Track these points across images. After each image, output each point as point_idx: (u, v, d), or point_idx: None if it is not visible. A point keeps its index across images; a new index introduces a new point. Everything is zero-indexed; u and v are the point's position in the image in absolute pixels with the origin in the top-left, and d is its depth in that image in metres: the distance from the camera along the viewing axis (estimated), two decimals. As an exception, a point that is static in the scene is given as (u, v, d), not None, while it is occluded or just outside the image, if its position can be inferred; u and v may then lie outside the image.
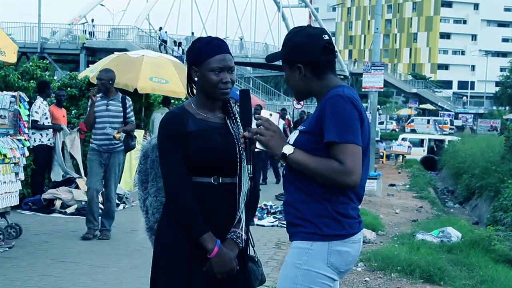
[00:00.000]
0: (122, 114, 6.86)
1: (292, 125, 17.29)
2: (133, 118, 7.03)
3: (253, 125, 2.45)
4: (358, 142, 2.30)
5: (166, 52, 35.52)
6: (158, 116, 11.58)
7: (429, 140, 29.57)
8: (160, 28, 39.71)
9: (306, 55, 2.43)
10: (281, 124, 15.72)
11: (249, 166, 2.51)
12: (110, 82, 6.80)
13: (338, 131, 2.28)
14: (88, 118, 6.92)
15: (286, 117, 17.03)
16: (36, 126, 8.68)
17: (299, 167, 2.35)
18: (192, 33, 44.75)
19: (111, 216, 7.01)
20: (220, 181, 2.55)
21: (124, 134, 6.86)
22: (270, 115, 2.40)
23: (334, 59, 2.51)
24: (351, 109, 2.31)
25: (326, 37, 2.47)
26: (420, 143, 28.96)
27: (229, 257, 2.49)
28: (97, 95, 6.85)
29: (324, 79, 2.47)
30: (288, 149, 2.34)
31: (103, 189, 7.02)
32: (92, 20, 39.64)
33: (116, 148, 6.89)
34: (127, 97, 7.03)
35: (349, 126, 2.29)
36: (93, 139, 6.93)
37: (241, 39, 49.14)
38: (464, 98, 69.03)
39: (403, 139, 27.93)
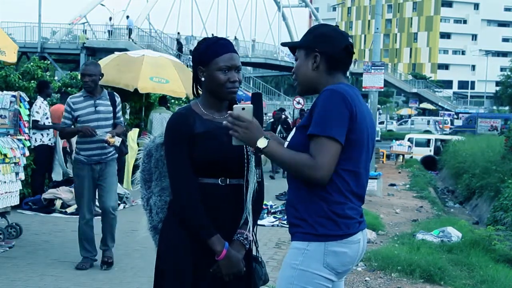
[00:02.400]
0: (112, 115, 5.60)
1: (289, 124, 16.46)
2: (122, 119, 5.78)
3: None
4: (337, 137, 2.28)
5: (133, 41, 35.49)
6: (156, 115, 11.58)
7: (435, 140, 29.52)
8: (127, 17, 39.52)
9: (327, 47, 2.44)
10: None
11: (258, 170, 2.53)
12: (100, 77, 5.58)
13: (320, 124, 2.28)
14: (68, 134, 5.90)
15: (283, 116, 16.37)
16: (37, 126, 8.69)
17: (274, 161, 2.37)
18: (212, 34, 44.77)
19: (113, 236, 5.76)
20: (228, 183, 2.55)
21: (119, 139, 5.57)
22: (243, 109, 2.36)
23: (350, 63, 2.52)
24: (339, 103, 2.29)
25: (350, 40, 2.50)
26: (427, 143, 28.96)
27: (237, 259, 2.49)
28: (80, 97, 5.58)
29: (333, 76, 2.47)
30: (261, 143, 2.32)
31: (97, 204, 5.89)
32: (110, 19, 39.27)
33: (110, 157, 5.62)
34: (115, 93, 5.79)
35: (332, 120, 2.28)
36: (79, 149, 5.56)
37: (253, 41, 49.55)
38: (455, 102, 68.94)
39: (409, 139, 27.90)
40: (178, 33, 42.58)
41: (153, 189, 2.69)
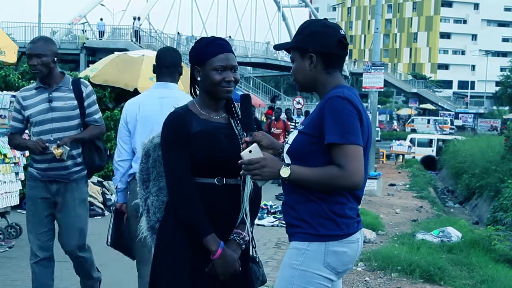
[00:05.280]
0: (77, 112, 3.96)
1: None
2: (97, 116, 4.06)
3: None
4: (359, 143, 2.30)
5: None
6: None
7: (438, 140, 29.57)
8: (101, 19, 39.87)
9: (321, 45, 2.42)
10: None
11: None
12: (55, 59, 3.97)
13: (339, 132, 2.27)
14: (19, 147, 4.35)
15: (281, 117, 14.63)
16: None
17: (301, 184, 2.34)
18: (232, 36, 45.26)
19: (90, 276, 4.28)
20: (224, 182, 2.55)
21: (67, 149, 3.84)
22: (250, 151, 2.36)
23: (345, 56, 2.51)
24: (351, 109, 2.30)
25: (342, 32, 2.47)
26: (429, 143, 29.03)
27: (232, 259, 2.49)
28: (31, 89, 4.02)
29: (331, 74, 2.46)
30: (284, 173, 2.32)
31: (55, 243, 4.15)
32: (139, 19, 39.23)
33: (73, 175, 3.98)
34: (83, 80, 4.12)
35: (350, 127, 2.28)
36: (32, 159, 4.03)
37: (268, 43, 49.95)
38: (466, 98, 69.12)
39: (411, 139, 27.96)
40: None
41: (151, 189, 2.69)
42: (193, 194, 2.48)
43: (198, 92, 2.66)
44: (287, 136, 12.71)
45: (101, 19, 39.61)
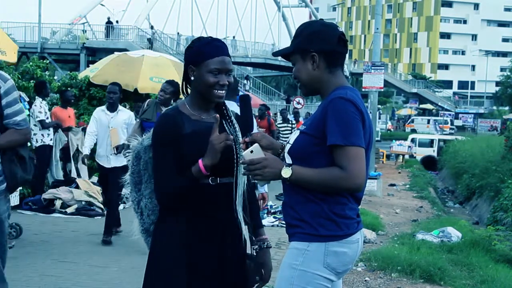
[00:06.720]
0: None
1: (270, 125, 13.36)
2: (19, 118, 3.18)
3: (255, 129, 2.43)
4: (361, 144, 2.30)
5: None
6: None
7: (439, 140, 29.58)
8: (117, 21, 40.20)
9: (322, 43, 2.43)
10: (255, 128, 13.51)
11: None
12: None
13: (341, 133, 2.27)
14: None
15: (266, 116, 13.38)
16: (44, 125, 8.74)
17: (302, 185, 2.34)
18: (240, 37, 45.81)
19: None
20: (218, 182, 2.54)
21: None
22: (251, 152, 2.36)
23: (346, 53, 2.51)
24: (354, 111, 2.30)
25: (340, 29, 2.48)
26: (430, 143, 29.05)
27: (212, 148, 2.42)
28: None
29: (334, 73, 2.46)
30: (286, 173, 2.32)
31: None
32: (152, 27, 39.29)
33: None
34: (2, 73, 3.20)
35: (352, 129, 2.29)
36: None
37: (273, 45, 49.94)
38: (456, 97, 69.07)
39: (412, 140, 27.95)
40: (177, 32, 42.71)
41: (143, 192, 2.66)
42: (179, 194, 2.47)
43: (189, 91, 2.64)
44: (281, 135, 12.67)
45: (116, 22, 39.90)
